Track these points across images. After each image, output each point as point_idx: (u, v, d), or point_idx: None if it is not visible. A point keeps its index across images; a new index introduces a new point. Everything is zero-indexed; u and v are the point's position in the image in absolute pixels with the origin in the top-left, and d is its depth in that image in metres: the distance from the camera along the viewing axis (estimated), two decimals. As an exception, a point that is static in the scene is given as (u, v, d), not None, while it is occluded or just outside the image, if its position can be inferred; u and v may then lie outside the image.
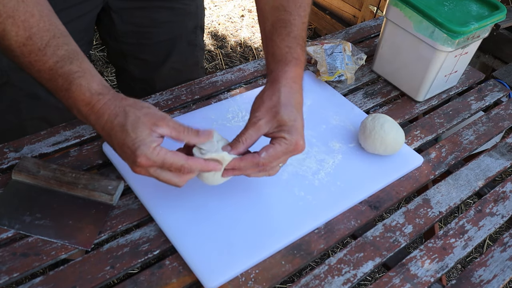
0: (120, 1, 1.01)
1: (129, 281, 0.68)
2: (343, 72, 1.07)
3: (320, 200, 0.82)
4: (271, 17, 0.78)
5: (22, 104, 0.98)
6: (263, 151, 0.70)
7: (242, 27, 2.68)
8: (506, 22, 1.72)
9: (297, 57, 0.75)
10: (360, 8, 2.44)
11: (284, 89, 0.72)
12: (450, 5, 1.03)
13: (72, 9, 0.94)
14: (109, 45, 1.13)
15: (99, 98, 0.63)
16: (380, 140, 0.88)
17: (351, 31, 1.29)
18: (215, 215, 0.77)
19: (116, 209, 0.77)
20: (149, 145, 0.62)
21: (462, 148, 1.00)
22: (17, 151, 0.83)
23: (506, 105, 1.14)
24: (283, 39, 0.75)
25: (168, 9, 1.07)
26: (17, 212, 0.73)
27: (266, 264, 0.73)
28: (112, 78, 2.21)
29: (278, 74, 0.73)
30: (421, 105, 1.10)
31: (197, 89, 1.03)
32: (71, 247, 0.71)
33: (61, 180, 0.77)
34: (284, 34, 0.76)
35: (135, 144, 0.62)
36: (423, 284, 0.75)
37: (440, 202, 0.88)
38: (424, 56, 1.03)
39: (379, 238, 0.81)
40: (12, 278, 0.66)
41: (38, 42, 0.62)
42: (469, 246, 0.82)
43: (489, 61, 2.06)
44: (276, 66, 0.74)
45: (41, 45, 0.62)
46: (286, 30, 0.76)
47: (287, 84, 0.72)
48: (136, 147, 0.62)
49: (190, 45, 1.16)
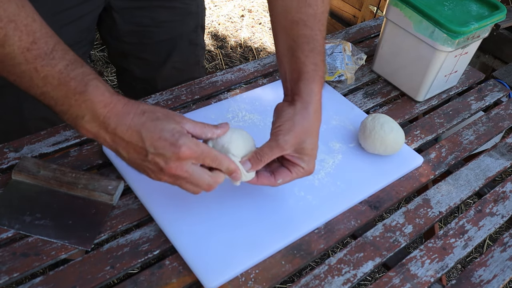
0: (122, 1, 1.01)
1: (129, 281, 0.68)
2: (343, 72, 1.07)
3: (320, 200, 0.82)
4: (291, 32, 0.75)
5: (24, 105, 0.98)
6: (280, 177, 0.72)
7: (242, 27, 2.68)
8: (506, 22, 1.72)
9: (322, 75, 0.74)
10: (360, 8, 2.44)
11: (315, 115, 0.71)
12: (450, 5, 1.03)
13: (74, 9, 0.94)
14: (110, 45, 1.13)
15: (119, 98, 0.61)
16: (380, 140, 0.88)
17: (351, 31, 1.29)
18: (215, 215, 0.77)
19: (116, 209, 0.77)
20: (187, 135, 0.62)
21: (462, 148, 1.01)
22: (17, 151, 0.83)
23: (506, 105, 1.14)
24: (308, 56, 0.73)
25: (169, 8, 1.07)
26: (17, 212, 0.73)
27: (266, 264, 0.73)
28: (112, 78, 2.21)
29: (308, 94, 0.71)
30: (421, 105, 1.10)
31: (197, 89, 1.03)
32: (71, 247, 0.71)
33: (61, 180, 0.77)
34: (308, 51, 0.73)
35: (175, 135, 0.61)
36: (423, 284, 0.75)
37: (440, 202, 0.88)
38: (424, 56, 1.03)
39: (379, 238, 0.81)
40: (12, 278, 0.66)
41: (44, 47, 0.60)
42: (469, 246, 0.82)
43: (489, 61, 2.06)
44: (304, 85, 0.72)
45: (47, 49, 0.60)
46: (309, 46, 0.73)
47: (316, 108, 0.71)
48: (177, 138, 0.60)
49: (191, 44, 1.16)
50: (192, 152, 0.62)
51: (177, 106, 0.98)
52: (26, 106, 0.98)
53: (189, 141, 0.61)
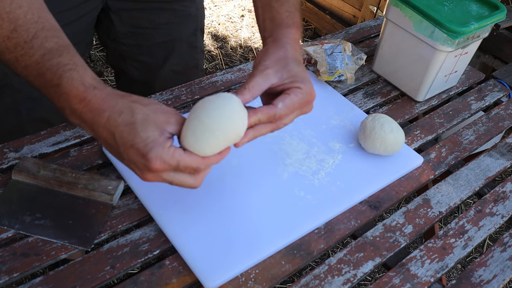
0: (120, 2, 1.01)
1: (129, 281, 0.68)
2: (343, 72, 1.07)
3: (320, 200, 0.82)
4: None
5: (22, 106, 0.98)
6: (279, 101, 0.64)
7: (242, 27, 2.68)
8: (506, 22, 1.72)
9: (297, 22, 0.74)
10: (360, 8, 2.44)
11: (289, 46, 0.69)
12: (450, 5, 1.03)
13: (72, 10, 0.94)
14: (108, 46, 1.13)
15: (95, 93, 0.56)
16: (380, 140, 0.88)
17: (351, 31, 1.29)
18: (215, 215, 0.77)
19: (116, 209, 0.77)
20: (163, 146, 0.56)
21: (462, 148, 1.01)
22: (17, 151, 0.83)
23: (506, 105, 1.14)
24: (282, 4, 0.74)
25: (167, 10, 1.06)
26: (17, 212, 0.73)
27: (266, 264, 0.73)
28: (112, 78, 2.21)
29: (280, 34, 0.71)
30: (421, 105, 1.10)
31: (197, 89, 1.03)
32: (71, 247, 0.71)
33: (61, 180, 0.77)
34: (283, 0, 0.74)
35: (147, 145, 0.55)
36: (423, 284, 0.75)
37: (440, 202, 0.88)
38: (424, 56, 1.03)
39: (379, 238, 0.81)
40: (12, 278, 0.66)
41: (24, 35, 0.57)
42: (469, 246, 0.82)
43: (489, 61, 2.06)
44: (277, 29, 0.72)
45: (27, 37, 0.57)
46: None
47: (291, 43, 0.70)
48: (149, 149, 0.55)
49: (190, 47, 1.15)
50: (165, 166, 0.56)
51: (177, 106, 0.98)
52: (24, 107, 0.98)
53: (162, 152, 0.55)
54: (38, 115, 1.00)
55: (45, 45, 0.57)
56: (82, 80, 0.56)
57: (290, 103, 0.65)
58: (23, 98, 0.97)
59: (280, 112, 0.64)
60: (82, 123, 0.58)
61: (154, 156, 0.55)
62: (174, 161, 0.57)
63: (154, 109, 0.58)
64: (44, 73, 0.57)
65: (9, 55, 0.58)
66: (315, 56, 1.09)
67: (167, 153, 0.56)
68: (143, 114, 0.56)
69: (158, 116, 0.57)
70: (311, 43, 1.13)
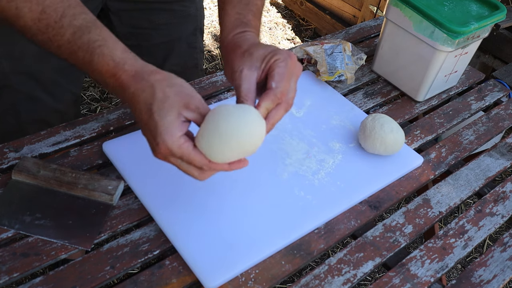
0: (119, 3, 1.01)
1: (129, 281, 0.68)
2: (343, 72, 1.07)
3: (320, 200, 0.82)
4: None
5: (21, 107, 0.98)
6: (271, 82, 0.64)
7: (242, 27, 2.67)
8: (506, 22, 1.72)
9: (246, 22, 0.72)
10: (360, 8, 2.44)
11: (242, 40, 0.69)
12: (450, 5, 1.03)
13: None
14: None
15: (126, 69, 0.59)
16: (380, 140, 0.88)
17: (351, 31, 1.29)
18: (215, 215, 0.77)
19: (116, 209, 0.77)
20: (172, 134, 0.57)
21: (462, 148, 1.01)
22: (17, 151, 0.83)
23: (506, 105, 1.14)
24: (234, 7, 0.73)
25: (167, 11, 1.06)
26: (17, 212, 0.73)
27: (266, 264, 0.73)
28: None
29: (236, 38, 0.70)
30: (421, 105, 1.10)
31: (197, 89, 1.03)
32: (71, 247, 0.71)
33: (61, 180, 0.77)
34: (236, 2, 0.74)
35: (158, 129, 0.57)
36: (423, 284, 0.75)
37: (440, 202, 0.88)
38: (424, 56, 1.03)
39: (379, 238, 0.81)
40: (12, 278, 0.66)
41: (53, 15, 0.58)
42: (469, 246, 0.82)
43: (489, 61, 2.06)
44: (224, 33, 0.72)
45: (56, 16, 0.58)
46: None
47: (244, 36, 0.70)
48: (158, 133, 0.57)
49: (189, 47, 1.15)
50: (170, 153, 0.59)
51: (177, 106, 0.98)
52: (23, 108, 0.98)
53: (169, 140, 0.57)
54: (38, 116, 1.00)
55: (74, 23, 0.59)
56: (112, 55, 0.59)
57: (281, 76, 0.65)
58: (23, 99, 0.97)
59: (279, 89, 0.64)
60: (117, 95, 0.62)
61: (161, 141, 0.57)
62: (179, 152, 0.59)
63: (176, 91, 0.59)
64: (76, 51, 0.59)
65: (42, 36, 0.59)
66: (315, 56, 1.09)
67: (175, 143, 0.58)
68: (163, 94, 0.58)
69: (178, 98, 0.59)
70: (311, 43, 1.13)
